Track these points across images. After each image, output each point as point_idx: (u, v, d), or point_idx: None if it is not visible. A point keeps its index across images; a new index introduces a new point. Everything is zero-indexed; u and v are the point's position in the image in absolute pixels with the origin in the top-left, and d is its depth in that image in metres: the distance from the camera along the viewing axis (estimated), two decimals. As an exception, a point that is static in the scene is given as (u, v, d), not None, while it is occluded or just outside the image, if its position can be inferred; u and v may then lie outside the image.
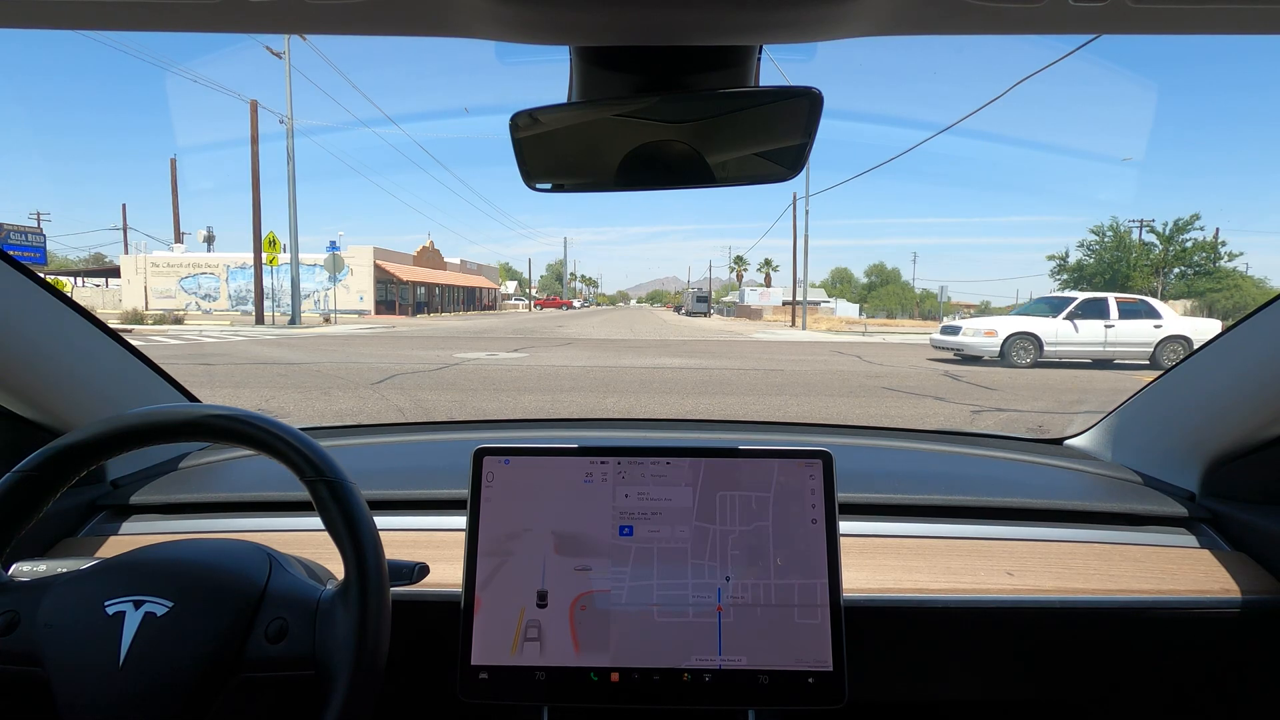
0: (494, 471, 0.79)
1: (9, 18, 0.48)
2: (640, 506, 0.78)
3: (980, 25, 0.47)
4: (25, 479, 0.61)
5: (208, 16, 0.47)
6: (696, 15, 0.48)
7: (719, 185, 0.72)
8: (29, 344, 0.92)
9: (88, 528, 1.00)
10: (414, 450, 1.33)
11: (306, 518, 0.97)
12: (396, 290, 33.41)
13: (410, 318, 30.61)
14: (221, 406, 0.65)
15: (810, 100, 0.62)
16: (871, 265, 74.37)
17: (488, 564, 0.76)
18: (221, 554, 0.66)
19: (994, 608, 0.85)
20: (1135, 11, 0.44)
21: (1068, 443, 1.35)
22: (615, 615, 0.75)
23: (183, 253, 31.80)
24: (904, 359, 12.24)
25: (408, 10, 0.47)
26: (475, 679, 0.73)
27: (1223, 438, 1.00)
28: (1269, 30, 0.48)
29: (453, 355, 11.10)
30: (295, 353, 11.20)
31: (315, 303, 29.05)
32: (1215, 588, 0.88)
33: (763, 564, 0.76)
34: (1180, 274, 25.79)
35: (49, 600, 0.61)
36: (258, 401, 6.14)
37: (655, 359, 11.18)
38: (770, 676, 0.73)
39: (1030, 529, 0.98)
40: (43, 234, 20.57)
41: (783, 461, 0.79)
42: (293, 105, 19.38)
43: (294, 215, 19.15)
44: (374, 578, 0.61)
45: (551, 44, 0.54)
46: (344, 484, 0.63)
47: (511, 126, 0.66)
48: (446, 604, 0.80)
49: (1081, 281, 27.65)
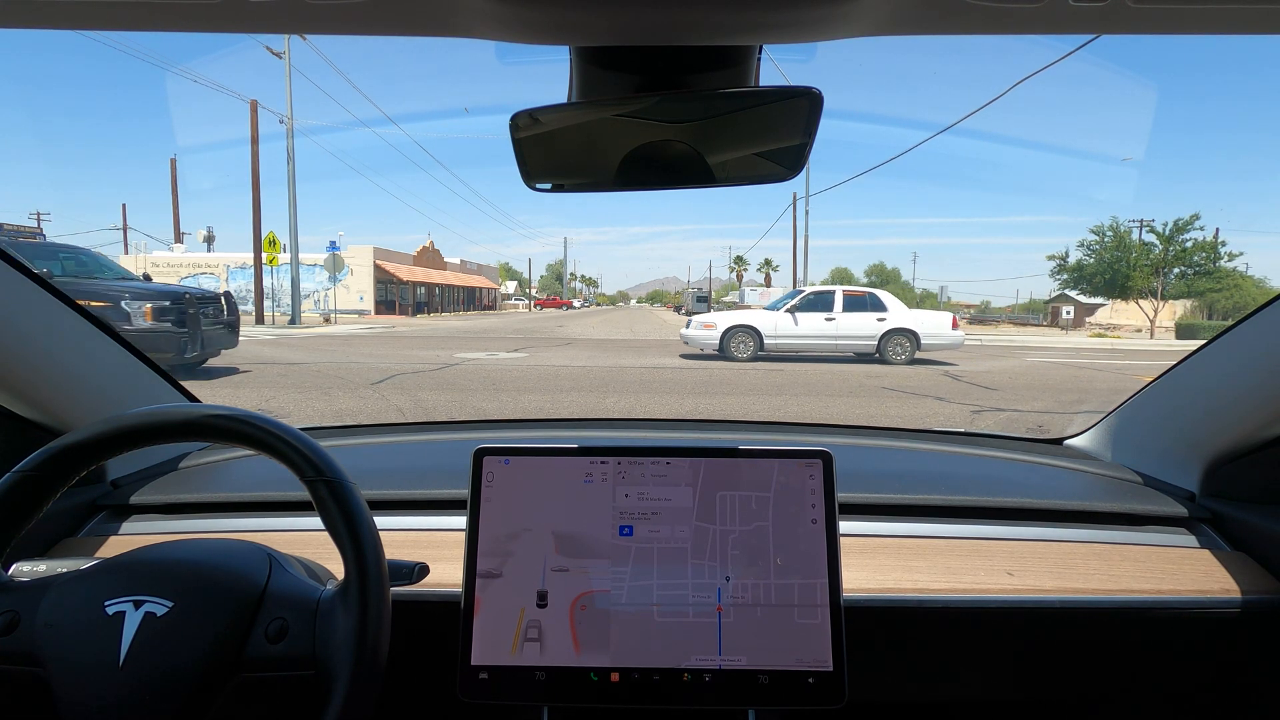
0: (494, 471, 0.79)
1: (9, 18, 0.48)
2: (640, 506, 0.78)
3: (980, 25, 0.47)
4: (25, 479, 0.61)
5: (208, 16, 0.47)
6: (696, 15, 0.48)
7: (719, 185, 0.72)
8: (29, 344, 0.92)
9: (88, 528, 1.00)
10: (414, 450, 1.33)
11: (306, 518, 0.97)
12: (396, 290, 33.41)
13: (410, 318, 30.60)
14: (221, 406, 0.65)
15: (810, 100, 0.62)
16: (871, 265, 74.42)
17: (488, 564, 0.76)
18: (221, 554, 0.66)
19: (994, 608, 0.85)
20: (1135, 11, 0.44)
21: (1068, 443, 1.35)
22: (615, 615, 0.75)
23: (183, 253, 31.79)
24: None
25: (408, 10, 0.47)
26: (475, 679, 0.73)
27: (1223, 437, 1.00)
28: (1269, 30, 0.48)
29: (453, 355, 11.09)
30: (295, 353, 11.20)
31: (315, 303, 29.04)
32: (1215, 588, 0.88)
33: (763, 564, 0.76)
34: (1180, 274, 25.74)
35: (49, 600, 0.61)
36: (258, 401, 6.14)
37: (655, 359, 11.17)
38: (770, 676, 0.73)
39: (1030, 529, 0.98)
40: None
41: (783, 461, 0.79)
42: (293, 105, 19.40)
43: (294, 215, 19.15)
44: (374, 578, 0.61)
45: (551, 44, 0.54)
46: (344, 484, 0.63)
47: (511, 126, 0.66)
48: (446, 604, 0.80)
49: (1081, 281, 27.60)
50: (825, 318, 11.41)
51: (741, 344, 11.22)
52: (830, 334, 11.38)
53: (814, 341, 11.42)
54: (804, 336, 11.39)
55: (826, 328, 11.39)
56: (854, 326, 11.35)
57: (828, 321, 11.40)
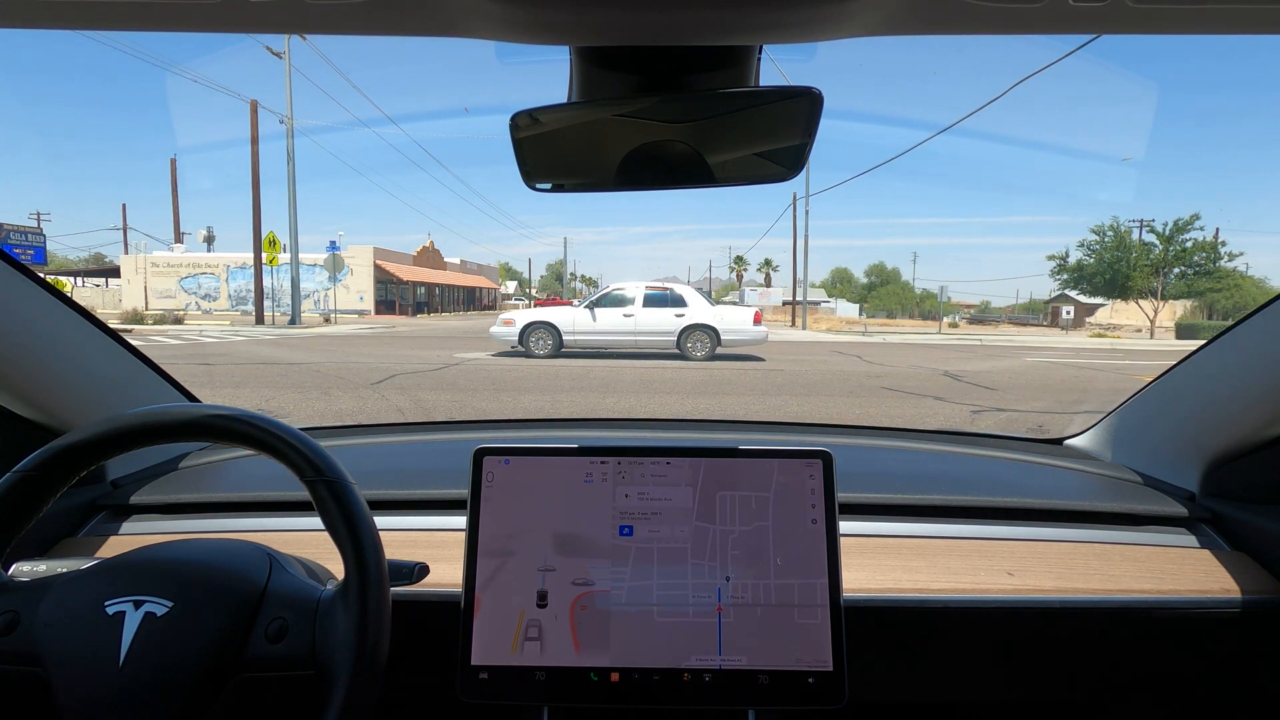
0: (494, 471, 0.79)
1: (9, 18, 0.48)
2: (640, 506, 0.78)
3: (980, 25, 0.47)
4: (25, 479, 0.61)
5: (208, 16, 0.47)
6: (696, 15, 0.48)
7: (719, 185, 0.72)
8: (29, 344, 0.92)
9: (88, 528, 1.00)
10: (414, 450, 1.33)
11: (306, 518, 0.97)
12: (396, 290, 33.41)
13: (410, 318, 30.61)
14: (221, 406, 0.65)
15: (810, 100, 0.62)
16: (871, 265, 74.45)
17: (488, 564, 0.76)
18: (221, 554, 0.66)
19: (994, 608, 0.85)
20: (1135, 11, 0.44)
21: (1068, 443, 1.35)
22: (615, 615, 0.75)
23: (183, 253, 31.79)
24: (904, 359, 12.24)
25: (408, 10, 0.47)
26: (475, 679, 0.73)
27: (1223, 437, 1.00)
28: (1269, 30, 0.48)
29: (453, 355, 11.10)
30: (295, 353, 11.20)
31: (315, 303, 29.05)
32: (1215, 588, 0.88)
33: (763, 564, 0.76)
34: (1180, 274, 25.75)
35: (49, 600, 0.61)
36: (258, 401, 6.14)
37: (655, 359, 11.18)
38: (770, 676, 0.73)
39: (1030, 529, 0.98)
40: (43, 234, 20.58)
41: (783, 461, 0.79)
42: (293, 105, 19.39)
43: (294, 215, 19.15)
44: (374, 578, 0.61)
45: (551, 44, 0.54)
46: (344, 484, 0.63)
47: (511, 126, 0.66)
48: (446, 604, 0.80)
49: (1081, 281, 27.61)
50: (624, 314, 11.41)
51: (540, 340, 11.22)
52: (629, 330, 11.37)
53: (613, 338, 11.41)
54: (603, 333, 11.38)
55: (625, 324, 11.38)
56: (653, 322, 11.35)
57: (626, 318, 11.39)
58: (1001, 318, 51.29)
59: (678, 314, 11.33)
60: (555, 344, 11.24)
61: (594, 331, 11.37)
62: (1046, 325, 40.08)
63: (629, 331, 11.37)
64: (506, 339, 11.34)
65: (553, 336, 11.23)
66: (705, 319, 11.30)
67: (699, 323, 11.27)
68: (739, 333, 11.37)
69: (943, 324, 29.29)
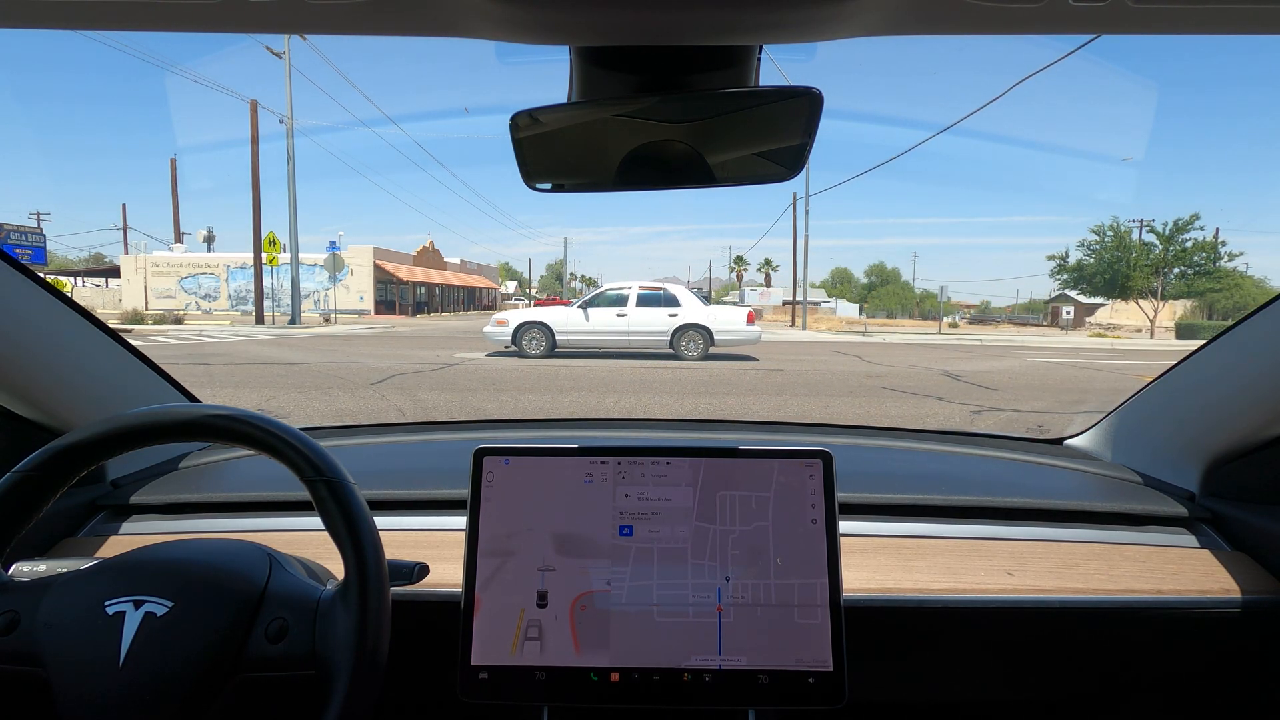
0: (494, 471, 0.79)
1: (9, 18, 0.48)
2: (640, 506, 0.78)
3: (980, 25, 0.47)
4: (25, 479, 0.61)
5: (208, 16, 0.47)
6: (696, 15, 0.48)
7: (719, 185, 0.72)
8: (29, 344, 0.92)
9: (88, 528, 1.00)
10: (414, 450, 1.33)
11: (306, 518, 0.97)
12: (396, 290, 33.41)
13: (410, 318, 30.61)
14: (221, 406, 0.65)
15: (810, 100, 0.62)
16: (871, 265, 74.45)
17: (488, 564, 0.76)
18: (221, 554, 0.66)
19: (994, 608, 0.85)
20: (1135, 11, 0.44)
21: (1068, 443, 1.35)
22: (615, 615, 0.75)
23: (183, 253, 31.78)
24: (904, 359, 12.24)
25: (408, 10, 0.47)
26: (475, 679, 0.73)
27: (1223, 437, 1.00)
28: (1269, 30, 0.48)
29: (452, 355, 11.10)
30: (295, 353, 11.20)
31: (315, 303, 29.05)
32: (1215, 588, 0.88)
33: (763, 564, 0.76)
34: (1180, 274, 25.73)
35: (49, 600, 0.61)
36: (258, 401, 6.14)
37: (652, 359, 11.17)
38: (770, 676, 0.73)
39: (1030, 529, 0.98)
40: (43, 234, 20.58)
41: (783, 461, 0.79)
42: (293, 105, 19.39)
43: (294, 215, 19.16)
44: (374, 578, 0.61)
45: (551, 44, 0.54)
46: (344, 484, 0.63)
47: (511, 126, 0.66)
48: (446, 604, 0.80)
49: (1081, 281, 27.61)
50: (617, 313, 11.36)
51: (533, 340, 11.19)
52: (622, 329, 11.33)
53: (606, 337, 11.38)
54: (596, 332, 11.34)
55: (618, 323, 11.33)
56: (646, 322, 11.30)
57: (619, 317, 11.34)
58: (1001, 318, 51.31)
59: (671, 314, 11.31)
60: (549, 344, 11.22)
61: (587, 331, 11.34)
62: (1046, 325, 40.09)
63: (622, 331, 11.35)
64: (500, 339, 11.33)
65: (546, 336, 11.21)
66: (698, 319, 11.27)
67: (692, 323, 11.24)
68: (732, 332, 11.35)
69: (943, 324, 29.26)
